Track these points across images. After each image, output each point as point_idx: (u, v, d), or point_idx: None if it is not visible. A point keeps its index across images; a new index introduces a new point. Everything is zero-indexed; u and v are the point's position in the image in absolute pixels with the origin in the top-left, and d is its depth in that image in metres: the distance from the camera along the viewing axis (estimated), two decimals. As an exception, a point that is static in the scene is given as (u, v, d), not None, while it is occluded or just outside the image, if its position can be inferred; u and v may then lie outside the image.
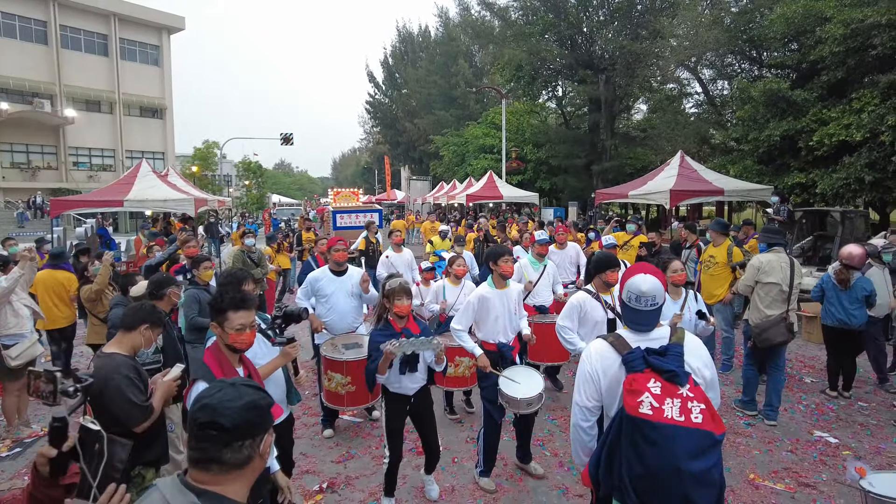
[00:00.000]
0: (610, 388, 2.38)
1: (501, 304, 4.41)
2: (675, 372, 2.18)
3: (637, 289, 2.42)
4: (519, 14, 25.59)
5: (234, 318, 2.73)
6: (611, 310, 4.23)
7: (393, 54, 49.32)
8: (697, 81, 22.24)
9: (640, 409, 2.13)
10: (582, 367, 2.47)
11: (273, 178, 69.38)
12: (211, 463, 1.41)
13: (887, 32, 12.07)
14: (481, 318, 4.43)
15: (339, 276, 5.30)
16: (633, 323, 2.49)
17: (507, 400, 4.14)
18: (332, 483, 4.48)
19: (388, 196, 41.16)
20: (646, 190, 13.75)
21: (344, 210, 14.59)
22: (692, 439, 2.07)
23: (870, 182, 12.53)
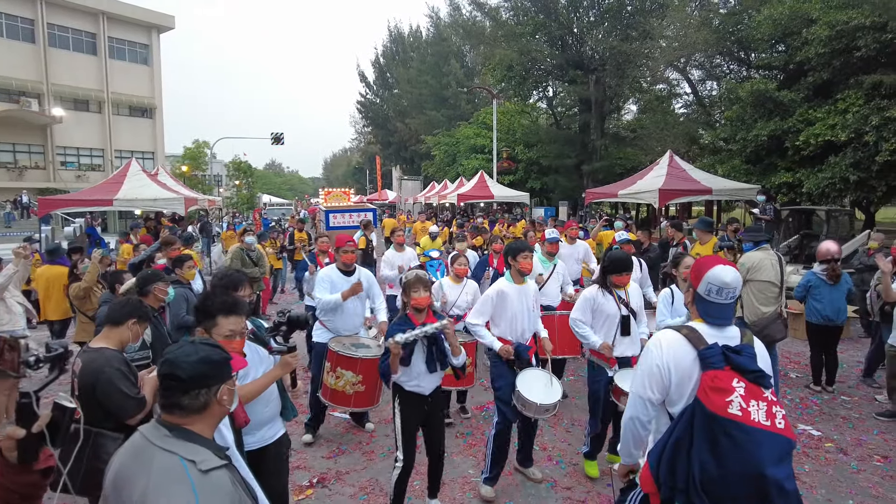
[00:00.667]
0: (680, 384, 2.22)
1: (519, 301, 4.28)
2: (760, 373, 2.09)
3: (720, 280, 2.26)
4: (510, 14, 25.70)
5: (224, 324, 2.55)
6: (624, 305, 4.27)
7: (384, 54, 49.30)
8: (686, 82, 22.39)
9: (730, 409, 2.01)
10: (649, 359, 2.31)
11: (263, 178, 69.14)
12: (173, 408, 1.68)
13: (871, 34, 12.25)
14: (498, 314, 4.29)
15: (348, 275, 5.22)
16: (710, 317, 2.30)
17: (524, 403, 4.01)
18: (322, 478, 4.51)
19: (379, 196, 41.22)
20: (635, 189, 13.88)
21: (337, 209, 14.50)
22: (776, 444, 2.01)
23: (854, 181, 12.71)
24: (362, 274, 5.31)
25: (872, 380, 6.55)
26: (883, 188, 13.12)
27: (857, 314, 8.58)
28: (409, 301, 3.66)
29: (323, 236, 7.66)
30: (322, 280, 5.22)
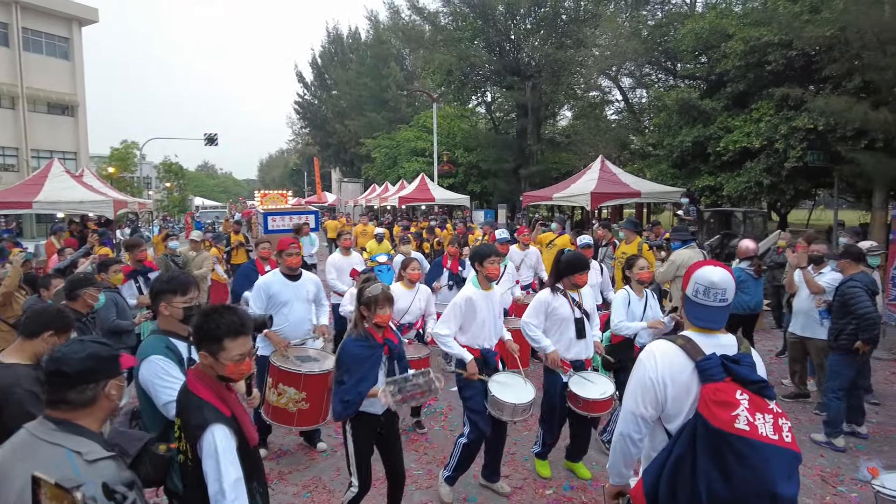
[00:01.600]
0: (677, 398, 2.09)
1: (487, 307, 4.16)
2: (764, 383, 1.98)
3: (706, 279, 2.15)
4: (449, 19, 26.00)
5: (233, 348, 2.24)
6: (578, 307, 4.21)
7: (322, 55, 48.63)
8: (618, 89, 23.38)
9: (737, 424, 1.89)
10: (642, 372, 2.16)
11: (196, 180, 66.77)
12: (60, 403, 1.74)
13: (779, 50, 13.25)
14: (467, 322, 4.14)
15: (293, 280, 4.88)
16: (700, 320, 2.18)
17: (500, 406, 3.87)
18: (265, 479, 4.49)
19: (318, 198, 40.55)
20: (569, 193, 14.41)
21: (276, 212, 13.94)
22: (785, 460, 1.90)
23: (767, 185, 13.70)
24: (308, 278, 5.02)
25: None
26: (791, 191, 14.22)
27: (770, 307, 9.26)
28: (373, 317, 3.39)
29: (264, 241, 7.09)
30: (259, 290, 4.79)
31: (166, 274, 3.01)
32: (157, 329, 2.89)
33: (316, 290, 5.05)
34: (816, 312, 5.65)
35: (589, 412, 4.09)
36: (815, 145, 12.55)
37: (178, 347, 2.78)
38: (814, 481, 4.43)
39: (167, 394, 2.59)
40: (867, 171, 11.10)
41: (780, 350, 7.73)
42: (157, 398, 2.62)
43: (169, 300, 2.83)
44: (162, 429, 2.65)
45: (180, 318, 2.84)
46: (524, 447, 4.97)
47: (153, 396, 2.64)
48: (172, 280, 2.91)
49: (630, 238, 7.79)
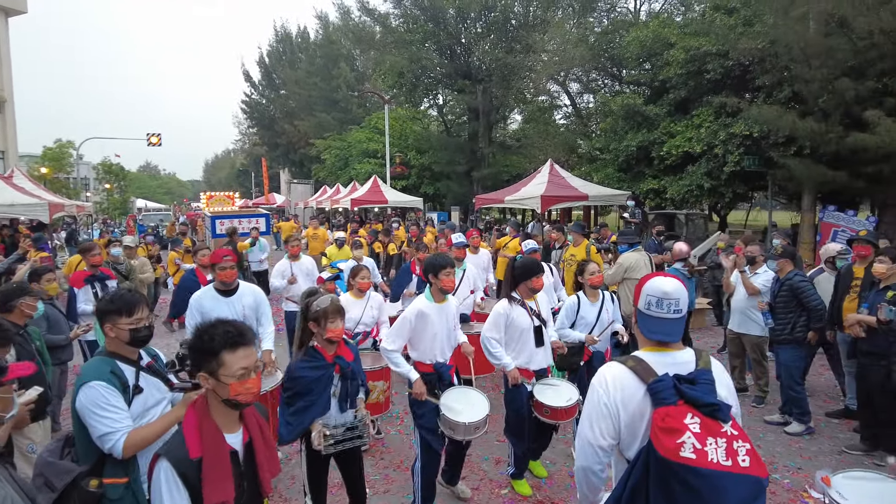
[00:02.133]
0: (631, 424, 1.96)
1: (440, 320, 3.95)
2: (717, 406, 1.84)
3: (658, 290, 2.04)
4: (399, 21, 25.95)
5: (232, 362, 1.99)
6: (536, 317, 4.14)
7: (270, 54, 47.59)
8: (566, 94, 23.92)
9: (682, 453, 1.75)
10: (595, 398, 2.04)
11: (137, 181, 64.15)
12: None
13: (717, 60, 13.90)
14: (418, 337, 3.94)
15: (227, 296, 4.46)
16: (654, 333, 2.06)
17: (451, 426, 3.70)
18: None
19: (266, 200, 39.70)
20: (520, 195, 14.67)
21: (224, 215, 13.16)
22: (742, 487, 1.75)
23: (708, 188, 14.32)
24: (247, 291, 4.58)
25: None
26: (730, 194, 14.91)
27: (711, 306, 9.71)
28: (324, 332, 3.18)
29: (204, 248, 6.56)
30: (191, 308, 4.42)
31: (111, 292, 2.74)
32: (103, 350, 2.65)
33: (255, 304, 4.56)
34: (752, 311, 5.98)
35: (556, 420, 4.05)
36: (751, 151, 13.23)
37: (123, 373, 2.55)
38: (752, 471, 4.69)
39: (105, 425, 2.37)
40: (796, 175, 11.78)
41: (720, 347, 8.11)
42: (93, 429, 2.39)
43: (114, 321, 2.58)
44: (95, 461, 2.43)
45: (127, 341, 2.60)
46: (480, 448, 5.04)
47: (88, 426, 2.39)
48: (117, 299, 2.63)
49: (578, 241, 8.02)
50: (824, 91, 10.88)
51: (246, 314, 4.46)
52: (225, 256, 4.47)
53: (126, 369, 2.57)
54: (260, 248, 11.13)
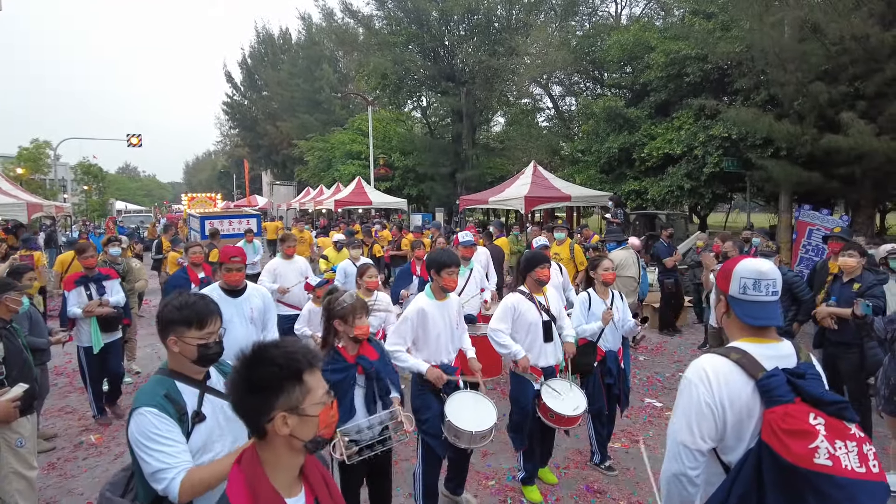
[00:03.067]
0: (737, 425, 1.74)
1: (443, 319, 3.80)
2: (843, 404, 1.65)
3: (754, 270, 1.86)
4: (383, 23, 26.02)
5: (317, 384, 1.53)
6: (545, 311, 4.06)
7: (252, 55, 47.30)
8: (548, 97, 24.23)
9: (816, 459, 1.55)
10: (695, 395, 1.78)
11: (116, 182, 63.22)
12: None
13: (696, 64, 14.23)
14: (421, 336, 3.77)
15: (234, 296, 4.18)
16: (757, 318, 1.85)
17: (457, 434, 3.49)
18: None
19: (248, 202, 39.40)
20: (504, 197, 14.82)
21: (214, 216, 12.67)
22: (877, 496, 1.57)
23: (688, 189, 14.62)
24: (255, 293, 4.30)
25: None
26: (710, 195, 15.24)
27: (692, 303, 9.91)
28: (351, 329, 2.98)
29: (195, 246, 6.32)
30: None
31: (179, 298, 2.22)
32: (163, 368, 2.21)
33: (263, 306, 4.28)
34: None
35: (559, 426, 3.97)
36: (729, 152, 13.55)
37: (181, 396, 2.10)
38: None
39: (156, 460, 1.95)
40: (773, 176, 12.09)
41: (702, 343, 8.31)
42: (144, 464, 1.98)
43: (180, 333, 2.11)
44: (152, 502, 2.04)
45: (194, 358, 2.14)
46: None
47: (139, 460, 2.00)
48: (186, 307, 2.16)
49: (561, 240, 8.21)
50: (799, 94, 11.20)
51: (254, 317, 4.19)
52: (233, 257, 4.15)
53: (186, 391, 2.13)
54: (254, 249, 10.79)
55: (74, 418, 5.95)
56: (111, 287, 5.84)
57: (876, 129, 9.83)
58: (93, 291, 5.66)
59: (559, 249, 8.08)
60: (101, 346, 5.52)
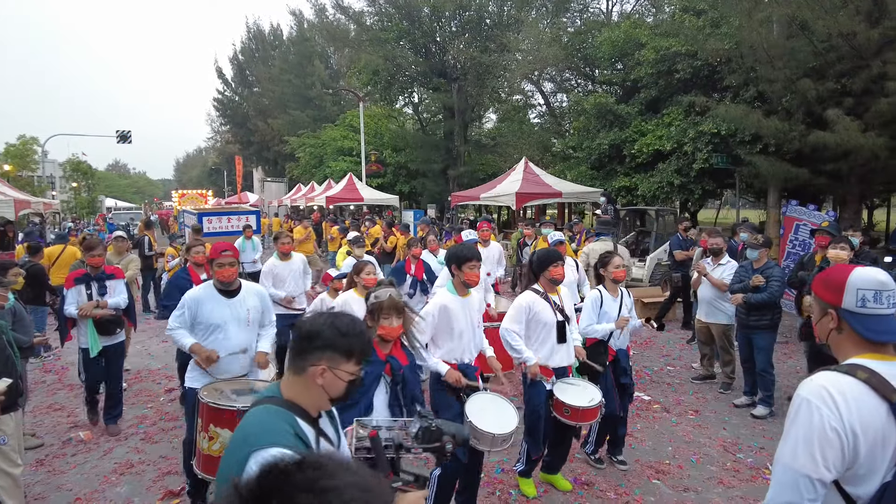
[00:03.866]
0: (872, 453, 1.54)
1: (465, 316, 3.66)
2: None
3: (873, 280, 1.66)
4: (374, 19, 25.96)
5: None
6: (559, 311, 3.94)
7: (243, 51, 47.04)
8: (540, 94, 24.25)
9: None
10: (817, 420, 1.56)
11: (106, 179, 62.72)
12: None
13: (686, 60, 14.30)
14: (441, 333, 3.62)
15: (230, 297, 3.85)
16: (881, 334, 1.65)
17: (477, 436, 3.33)
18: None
19: (239, 199, 39.25)
20: (495, 193, 14.88)
21: (212, 212, 12.08)
22: None
23: (678, 185, 14.71)
24: (250, 292, 4.01)
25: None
26: (699, 191, 15.33)
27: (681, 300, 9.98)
28: (376, 327, 2.90)
29: (198, 244, 5.87)
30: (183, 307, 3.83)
31: (344, 319, 1.80)
32: (275, 394, 1.75)
33: (261, 306, 4.03)
34: (719, 301, 6.24)
35: (577, 421, 3.86)
36: (719, 148, 13.65)
37: (307, 436, 1.69)
38: (717, 451, 4.90)
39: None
40: (762, 172, 12.19)
41: (689, 338, 8.37)
42: None
43: (336, 363, 1.71)
44: None
45: (337, 395, 1.75)
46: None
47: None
48: (353, 335, 1.75)
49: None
50: (787, 91, 11.29)
51: (251, 319, 3.91)
52: (224, 251, 3.86)
53: (307, 429, 1.70)
54: (253, 247, 10.33)
55: (63, 415, 5.93)
56: (114, 288, 5.45)
57: (862, 126, 9.94)
58: (93, 291, 5.28)
59: (545, 245, 8.10)
60: (98, 349, 5.16)
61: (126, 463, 4.75)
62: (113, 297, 5.38)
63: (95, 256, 5.38)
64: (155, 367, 7.46)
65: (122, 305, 5.45)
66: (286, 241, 6.57)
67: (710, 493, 4.21)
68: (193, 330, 3.79)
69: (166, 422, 5.71)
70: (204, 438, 3.24)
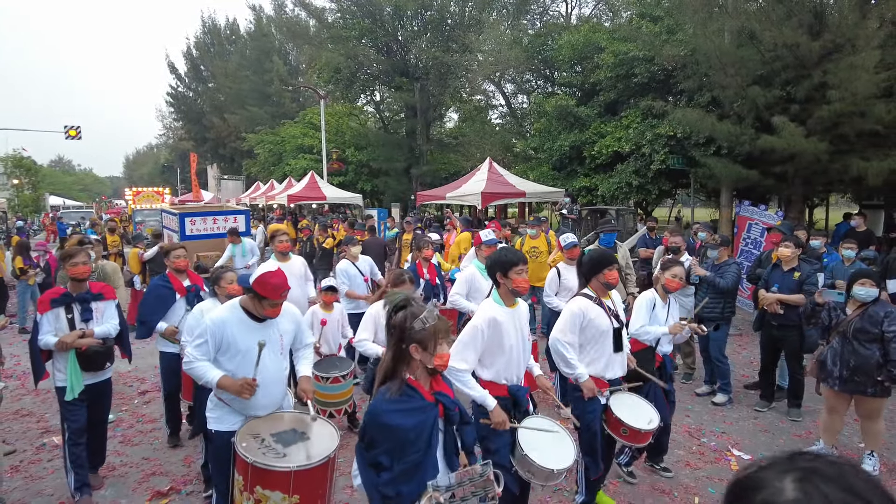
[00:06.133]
0: None
1: (515, 329, 3.20)
2: None
3: None
4: (336, 16, 25.79)
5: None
6: (614, 317, 3.61)
7: (197, 46, 45.81)
8: (501, 95, 24.66)
9: None
10: None
11: (50, 176, 59.94)
12: None
13: (644, 65, 14.85)
14: (491, 351, 3.15)
15: (260, 320, 3.15)
16: None
17: (532, 470, 2.96)
18: (183, 482, 4.47)
19: (195, 197, 38.22)
20: (461, 192, 15.08)
21: (195, 213, 11.01)
22: None
23: (636, 185, 15.26)
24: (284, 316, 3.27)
25: None
26: (656, 191, 15.95)
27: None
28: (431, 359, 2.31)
29: (178, 248, 5.16)
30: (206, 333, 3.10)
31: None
32: None
33: (293, 329, 3.38)
34: (680, 297, 6.58)
35: (633, 442, 3.61)
36: (675, 150, 14.24)
37: None
38: (683, 436, 5.24)
39: None
40: (715, 173, 12.79)
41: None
42: None
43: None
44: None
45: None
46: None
47: None
48: None
49: (537, 234, 8.47)
50: (738, 97, 11.89)
51: (283, 345, 3.27)
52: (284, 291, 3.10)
53: None
54: (243, 252, 9.17)
55: (33, 420, 5.80)
56: (102, 311, 4.25)
57: (805, 132, 10.60)
58: (75, 315, 4.09)
59: (536, 243, 8.29)
60: (80, 389, 3.98)
61: (108, 466, 4.71)
62: (101, 324, 4.20)
63: (78, 265, 4.12)
64: (125, 369, 7.34)
65: (111, 333, 4.24)
66: (283, 238, 5.98)
67: (679, 475, 4.52)
68: (216, 361, 3.13)
69: (144, 424, 5.68)
70: (248, 500, 2.79)
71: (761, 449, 5.00)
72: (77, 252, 4.19)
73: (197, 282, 5.04)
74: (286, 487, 2.71)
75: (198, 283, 5.02)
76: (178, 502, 4.22)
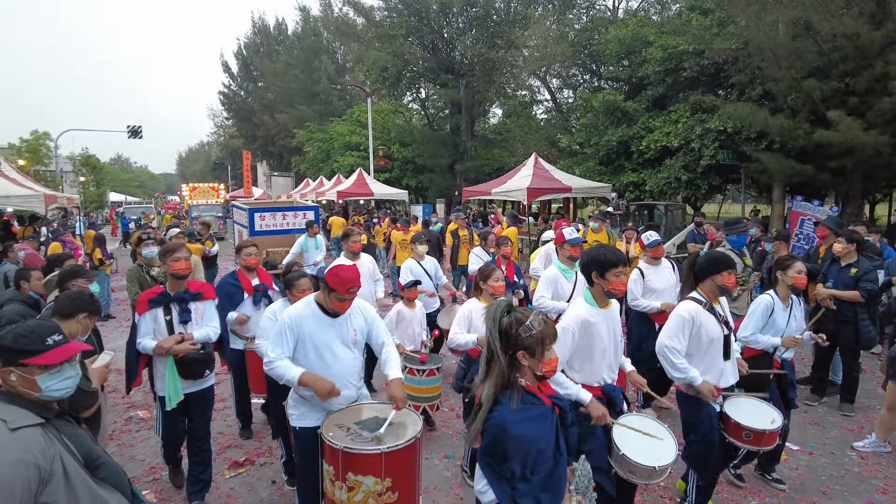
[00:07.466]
0: None
1: (607, 330, 3.10)
2: None
3: None
4: (384, 15, 26.22)
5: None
6: (724, 324, 3.36)
7: (247, 46, 47.26)
8: (546, 90, 24.57)
9: None
10: None
11: (110, 174, 62.96)
12: None
13: (693, 58, 14.65)
14: (582, 352, 3.08)
15: (334, 315, 3.17)
16: None
17: (632, 469, 2.89)
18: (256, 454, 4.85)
19: (247, 193, 39.51)
20: (506, 188, 15.20)
21: (264, 207, 11.02)
22: None
23: (685, 181, 15.09)
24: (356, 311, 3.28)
25: None
26: (706, 186, 15.73)
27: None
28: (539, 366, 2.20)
29: (249, 245, 4.98)
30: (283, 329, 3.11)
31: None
32: None
33: (366, 325, 3.32)
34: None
35: (758, 447, 3.33)
36: (725, 145, 14.03)
37: None
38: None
39: None
40: (767, 168, 12.57)
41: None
42: None
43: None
44: None
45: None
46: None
47: None
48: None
49: (599, 228, 8.56)
50: (792, 90, 11.65)
51: (357, 340, 3.26)
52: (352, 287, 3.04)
53: None
54: (316, 245, 8.90)
55: (118, 396, 6.29)
56: (202, 312, 3.90)
57: (864, 125, 10.31)
58: (174, 316, 3.78)
59: (598, 237, 8.36)
60: (179, 398, 3.71)
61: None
62: (200, 326, 3.86)
63: (178, 260, 3.80)
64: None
65: (212, 338, 3.90)
66: (357, 239, 5.77)
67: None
68: (295, 352, 3.13)
69: (216, 402, 6.07)
70: (340, 489, 2.81)
71: (811, 441, 5.04)
72: (178, 246, 3.92)
73: (266, 281, 4.87)
74: (378, 471, 2.76)
75: (266, 283, 4.85)
76: (254, 472, 4.59)
